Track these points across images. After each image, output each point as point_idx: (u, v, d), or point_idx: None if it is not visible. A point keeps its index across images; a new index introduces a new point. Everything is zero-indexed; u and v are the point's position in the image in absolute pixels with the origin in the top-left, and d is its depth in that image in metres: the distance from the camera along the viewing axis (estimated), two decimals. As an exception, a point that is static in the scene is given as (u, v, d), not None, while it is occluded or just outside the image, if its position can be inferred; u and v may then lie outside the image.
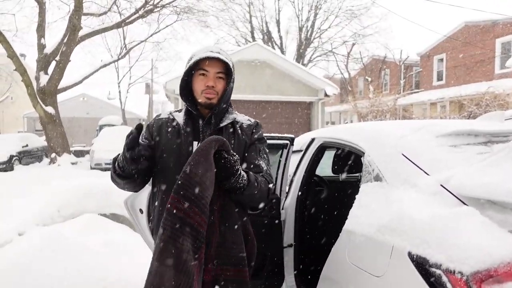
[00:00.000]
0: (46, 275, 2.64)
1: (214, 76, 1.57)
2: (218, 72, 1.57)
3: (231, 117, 1.64)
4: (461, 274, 1.10)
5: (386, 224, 1.41)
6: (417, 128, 1.77)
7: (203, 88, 1.56)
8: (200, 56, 1.54)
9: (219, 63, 1.57)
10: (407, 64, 23.12)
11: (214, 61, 1.56)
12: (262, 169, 1.59)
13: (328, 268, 1.79)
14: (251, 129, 1.66)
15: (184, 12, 16.21)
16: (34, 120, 23.49)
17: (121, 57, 18.54)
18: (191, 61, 1.56)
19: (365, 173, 1.74)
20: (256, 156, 1.62)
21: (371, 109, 16.78)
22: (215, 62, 1.56)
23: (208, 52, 1.55)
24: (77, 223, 4.03)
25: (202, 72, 1.57)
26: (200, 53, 1.56)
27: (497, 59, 16.87)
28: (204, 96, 1.57)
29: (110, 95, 28.82)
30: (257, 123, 1.70)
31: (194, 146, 1.57)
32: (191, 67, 1.57)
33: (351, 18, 25.25)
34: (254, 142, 1.65)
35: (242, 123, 1.66)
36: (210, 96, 1.57)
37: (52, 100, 13.05)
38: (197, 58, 1.54)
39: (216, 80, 1.57)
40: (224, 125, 1.61)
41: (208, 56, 1.53)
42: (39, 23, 13.07)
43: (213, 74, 1.57)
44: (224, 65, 1.57)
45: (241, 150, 1.60)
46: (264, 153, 1.67)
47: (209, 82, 1.56)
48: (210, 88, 1.56)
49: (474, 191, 1.25)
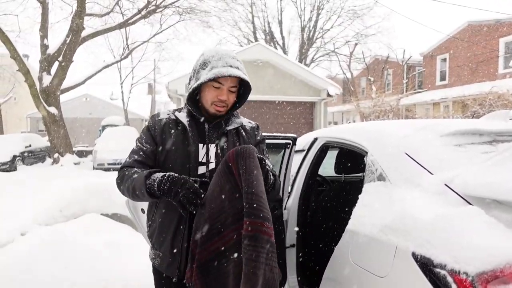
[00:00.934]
0: (47, 274, 2.64)
1: (228, 90, 1.56)
2: (232, 86, 1.57)
3: (238, 122, 1.65)
4: (466, 275, 1.09)
5: (389, 224, 1.40)
6: (421, 127, 1.75)
7: (215, 100, 1.55)
8: (221, 73, 1.48)
9: (236, 78, 1.55)
10: (410, 64, 23.04)
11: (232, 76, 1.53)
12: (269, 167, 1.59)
13: (331, 269, 1.78)
14: (254, 131, 1.70)
15: (187, 12, 16.23)
16: (37, 120, 23.57)
17: (123, 57, 18.59)
18: (209, 71, 1.50)
19: (368, 172, 1.72)
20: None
21: (374, 109, 16.73)
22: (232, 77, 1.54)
23: (228, 67, 1.50)
24: (79, 223, 4.04)
25: (216, 85, 1.53)
26: (219, 66, 1.50)
27: (500, 59, 16.78)
28: (214, 108, 1.56)
29: (112, 95, 28.89)
30: (257, 125, 1.75)
31: (199, 149, 1.56)
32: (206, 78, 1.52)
33: (354, 18, 25.23)
34: (258, 143, 1.68)
35: (245, 125, 1.70)
36: (221, 109, 1.57)
37: (55, 100, 13.08)
38: (217, 72, 1.48)
39: (229, 94, 1.56)
40: (230, 129, 1.62)
41: (230, 74, 1.48)
42: (42, 23, 13.11)
43: (227, 87, 1.55)
44: (239, 78, 1.55)
45: None
46: (266, 152, 1.72)
47: (222, 96, 1.54)
48: (222, 101, 1.55)
49: (479, 190, 1.23)
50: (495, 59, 16.89)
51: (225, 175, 1.38)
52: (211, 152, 1.57)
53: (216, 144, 1.58)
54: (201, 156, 1.55)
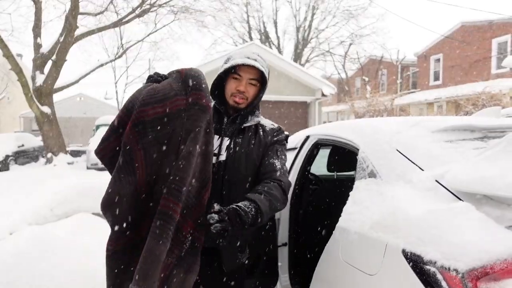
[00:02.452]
0: (35, 274, 2.59)
1: (247, 82, 1.60)
2: (251, 78, 1.61)
3: (256, 120, 1.67)
4: (456, 272, 1.07)
5: (379, 221, 1.38)
6: (412, 124, 1.74)
7: (234, 91, 1.60)
8: (237, 62, 1.57)
9: (254, 70, 1.59)
10: (404, 64, 23.15)
11: (250, 67, 1.59)
12: (276, 167, 1.58)
13: (322, 267, 1.76)
14: (273, 132, 1.69)
15: (181, 12, 16.15)
16: (31, 120, 23.37)
17: (118, 56, 18.46)
18: (227, 63, 1.60)
19: (359, 169, 1.71)
20: (272, 155, 1.62)
21: (368, 109, 16.79)
22: (250, 68, 1.59)
23: (245, 58, 1.58)
24: (71, 222, 3.98)
25: (235, 76, 1.60)
26: (237, 58, 1.59)
27: (493, 59, 16.90)
28: (233, 100, 1.61)
29: (107, 95, 28.70)
30: (279, 127, 1.72)
31: (215, 140, 1.58)
32: (227, 69, 1.60)
33: (349, 18, 25.31)
34: (273, 143, 1.66)
35: (265, 126, 1.70)
36: (239, 101, 1.60)
37: (48, 99, 12.97)
38: (234, 63, 1.57)
39: (248, 86, 1.61)
40: (247, 126, 1.64)
41: (244, 63, 1.56)
42: (35, 22, 12.99)
43: (246, 79, 1.60)
44: (259, 72, 1.60)
45: (260, 150, 1.62)
46: (282, 154, 1.66)
47: (241, 87, 1.59)
48: (241, 92, 1.59)
49: (469, 186, 1.22)
50: (488, 59, 17.01)
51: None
52: (224, 145, 1.60)
53: (230, 138, 1.61)
54: (215, 147, 1.58)
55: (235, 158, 1.57)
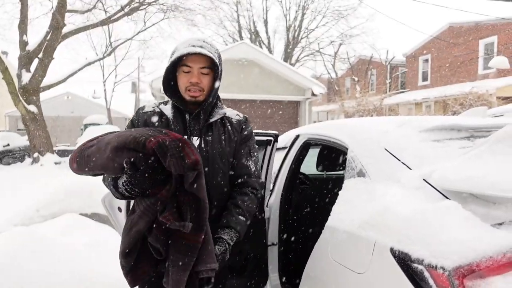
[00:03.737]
0: (22, 276, 2.55)
1: (198, 72, 1.49)
2: (202, 67, 1.50)
3: (221, 112, 1.59)
4: (443, 269, 1.08)
5: (368, 220, 1.39)
6: (400, 123, 1.76)
7: (187, 85, 1.50)
8: (182, 52, 1.46)
9: (203, 58, 1.48)
10: (393, 64, 23.39)
11: (198, 56, 1.48)
12: (250, 170, 1.58)
13: (311, 266, 1.76)
14: (240, 125, 1.62)
15: (171, 10, 16.04)
16: (17, 119, 22.98)
17: (106, 55, 18.23)
18: (173, 56, 1.49)
19: (348, 169, 1.72)
20: (245, 155, 1.59)
21: (358, 108, 16.93)
22: (199, 56, 1.48)
23: (190, 47, 1.46)
24: (57, 223, 3.93)
25: (185, 69, 1.50)
26: (182, 48, 1.48)
27: (480, 60, 17.17)
28: (189, 94, 1.51)
29: (95, 93, 28.36)
30: (246, 118, 1.66)
31: None
32: (174, 62, 1.50)
33: (338, 19, 25.45)
34: (245, 140, 1.61)
35: (231, 118, 1.62)
36: (195, 94, 1.50)
37: (35, 98, 12.75)
38: (178, 54, 1.46)
39: (201, 76, 1.50)
40: (213, 121, 1.56)
41: (189, 52, 1.45)
42: (21, 19, 12.75)
43: (197, 69, 1.49)
44: (209, 59, 1.49)
45: (231, 145, 1.58)
46: (254, 151, 1.64)
47: (193, 78, 1.48)
48: (194, 85, 1.49)
49: (456, 185, 1.23)
50: (475, 60, 17.28)
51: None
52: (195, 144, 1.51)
53: (199, 137, 1.53)
54: None
55: (210, 158, 1.51)
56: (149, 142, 1.24)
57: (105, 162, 1.31)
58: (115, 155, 1.28)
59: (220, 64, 1.53)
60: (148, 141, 1.24)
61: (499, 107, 4.49)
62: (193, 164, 1.24)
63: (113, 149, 1.28)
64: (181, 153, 1.24)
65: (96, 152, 1.33)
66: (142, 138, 1.25)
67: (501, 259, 1.06)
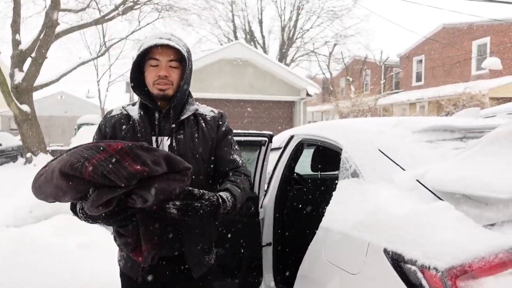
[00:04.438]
0: (13, 277, 2.52)
1: (167, 65, 1.43)
2: (170, 60, 1.43)
3: (192, 109, 1.51)
4: (436, 270, 1.09)
5: (362, 220, 1.39)
6: (394, 124, 1.76)
7: (155, 78, 1.43)
8: (149, 44, 1.39)
9: (172, 51, 1.42)
10: (388, 65, 23.51)
11: (166, 48, 1.41)
12: (238, 163, 1.51)
13: (305, 266, 1.76)
14: (216, 121, 1.54)
15: (165, 10, 15.99)
16: (9, 118, 22.76)
17: (100, 54, 18.14)
18: (140, 49, 1.43)
19: (342, 169, 1.72)
20: (229, 150, 1.53)
21: (352, 109, 17.00)
22: (167, 49, 1.42)
23: (157, 39, 1.41)
24: (50, 224, 3.89)
25: (153, 63, 1.43)
26: (149, 41, 1.42)
27: (473, 61, 17.32)
28: (157, 88, 1.43)
29: (89, 93, 28.13)
30: (221, 114, 1.58)
31: (152, 142, 1.44)
32: (141, 56, 1.43)
33: (333, 19, 25.52)
34: (225, 136, 1.55)
35: (205, 115, 1.54)
36: (163, 87, 1.43)
37: (28, 98, 12.63)
38: (145, 46, 1.40)
39: (170, 70, 1.43)
40: (185, 118, 1.48)
41: (156, 43, 1.39)
42: (14, 18, 12.63)
43: (165, 62, 1.43)
44: (177, 52, 1.43)
45: (207, 144, 1.49)
46: (235, 145, 1.57)
47: (161, 71, 1.42)
48: (163, 78, 1.42)
49: (449, 185, 1.24)
50: (468, 61, 17.43)
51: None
52: (164, 145, 1.45)
53: (170, 136, 1.46)
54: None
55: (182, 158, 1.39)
56: (85, 169, 1.17)
57: (54, 190, 1.24)
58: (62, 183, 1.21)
59: (188, 59, 1.46)
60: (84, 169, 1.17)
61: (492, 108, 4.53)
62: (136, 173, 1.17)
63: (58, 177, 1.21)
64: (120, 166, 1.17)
65: (44, 181, 1.27)
66: (78, 164, 1.18)
67: (493, 260, 1.07)
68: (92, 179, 1.18)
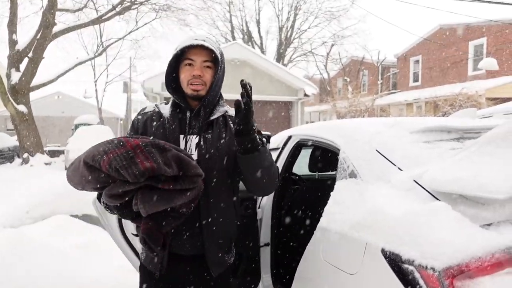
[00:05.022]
0: (11, 279, 2.51)
1: (201, 65, 1.50)
2: (204, 60, 1.50)
3: (222, 110, 1.57)
4: (433, 270, 1.09)
5: (360, 220, 1.40)
6: (391, 124, 1.77)
7: (189, 78, 1.49)
8: (185, 44, 1.48)
9: (206, 52, 1.49)
10: (385, 65, 23.58)
11: (200, 49, 1.49)
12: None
13: (303, 266, 1.77)
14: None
15: (163, 10, 15.99)
16: (6, 119, 22.64)
17: (97, 54, 18.13)
18: (176, 50, 1.51)
19: (340, 170, 1.72)
20: None
21: (350, 109, 17.04)
22: (201, 50, 1.49)
23: (192, 40, 1.49)
24: (47, 224, 3.88)
25: (188, 62, 1.50)
26: (185, 42, 1.50)
27: (470, 61, 17.40)
28: (191, 88, 1.50)
29: (86, 93, 28.05)
30: None
31: (180, 140, 1.51)
32: (176, 57, 1.51)
33: (330, 19, 25.58)
34: None
35: (231, 114, 1.59)
36: (197, 87, 1.50)
37: (25, 98, 12.60)
38: (181, 46, 1.48)
39: (203, 70, 1.50)
40: (215, 118, 1.54)
41: (192, 44, 1.47)
42: (10, 18, 12.59)
43: (200, 63, 1.50)
44: (211, 53, 1.50)
45: (233, 144, 1.52)
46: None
47: (195, 71, 1.49)
48: (197, 77, 1.49)
49: (446, 186, 1.25)
50: (465, 61, 17.50)
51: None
52: (192, 144, 1.51)
53: (198, 135, 1.51)
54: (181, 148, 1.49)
55: (207, 156, 1.48)
56: (102, 162, 1.26)
57: (80, 179, 1.33)
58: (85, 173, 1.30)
59: (222, 61, 1.53)
60: (102, 161, 1.27)
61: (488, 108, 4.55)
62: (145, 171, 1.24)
63: (82, 166, 1.30)
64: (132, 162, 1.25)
65: (73, 170, 1.36)
66: (98, 157, 1.28)
67: (490, 260, 1.08)
68: (108, 172, 1.26)
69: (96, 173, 1.29)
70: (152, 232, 1.39)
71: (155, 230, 1.39)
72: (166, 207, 1.33)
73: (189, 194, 1.34)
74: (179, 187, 1.31)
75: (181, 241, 1.50)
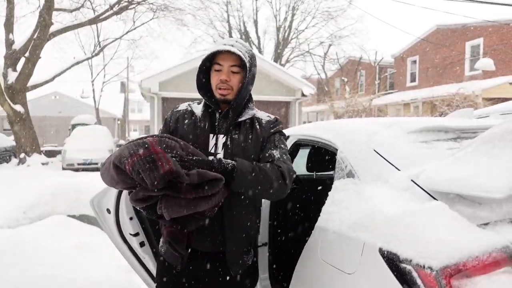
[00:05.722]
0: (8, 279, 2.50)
1: (228, 70, 1.53)
2: (232, 65, 1.53)
3: (250, 113, 1.61)
4: (431, 269, 1.10)
5: (357, 220, 1.40)
6: (389, 124, 1.78)
7: (217, 82, 1.54)
8: (214, 49, 1.51)
9: (233, 56, 1.52)
10: (382, 65, 23.63)
11: (228, 54, 1.51)
12: (274, 157, 1.52)
13: (301, 266, 1.77)
14: (269, 125, 1.62)
15: (160, 10, 15.96)
16: (2, 119, 22.55)
17: (95, 54, 18.06)
18: (205, 54, 1.55)
19: (338, 169, 1.73)
20: (270, 146, 1.57)
21: (347, 109, 17.06)
22: (229, 55, 1.52)
23: (221, 45, 1.52)
24: (44, 225, 3.87)
25: (216, 67, 1.54)
26: (214, 47, 1.54)
27: (467, 62, 17.46)
28: (219, 92, 1.55)
29: (83, 93, 27.98)
30: (276, 119, 1.66)
31: (210, 139, 1.55)
32: (206, 61, 1.56)
33: (328, 20, 25.60)
34: (269, 136, 1.60)
35: (261, 119, 1.63)
36: (224, 92, 1.54)
37: (21, 98, 12.55)
38: (209, 52, 1.52)
39: (231, 75, 1.54)
40: (242, 120, 1.58)
41: (218, 49, 1.49)
42: (7, 17, 12.54)
43: (227, 67, 1.53)
44: (239, 58, 1.52)
45: (258, 145, 1.56)
46: (280, 143, 1.59)
47: (222, 76, 1.52)
48: (224, 82, 1.52)
49: (443, 185, 1.25)
50: (462, 61, 17.57)
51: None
52: (220, 142, 1.55)
53: (226, 135, 1.56)
54: (210, 146, 1.54)
55: (232, 155, 1.51)
56: (127, 164, 1.29)
57: (110, 180, 1.37)
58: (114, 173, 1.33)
59: (251, 64, 1.55)
60: (126, 163, 1.29)
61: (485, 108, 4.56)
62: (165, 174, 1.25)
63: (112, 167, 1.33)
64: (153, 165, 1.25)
65: (104, 170, 1.40)
66: (124, 159, 1.30)
67: (487, 259, 1.08)
68: (131, 175, 1.28)
69: (123, 175, 1.31)
70: (176, 236, 1.43)
71: (179, 234, 1.43)
72: (190, 212, 1.34)
73: (212, 200, 1.35)
74: (201, 194, 1.32)
75: (201, 237, 1.53)
